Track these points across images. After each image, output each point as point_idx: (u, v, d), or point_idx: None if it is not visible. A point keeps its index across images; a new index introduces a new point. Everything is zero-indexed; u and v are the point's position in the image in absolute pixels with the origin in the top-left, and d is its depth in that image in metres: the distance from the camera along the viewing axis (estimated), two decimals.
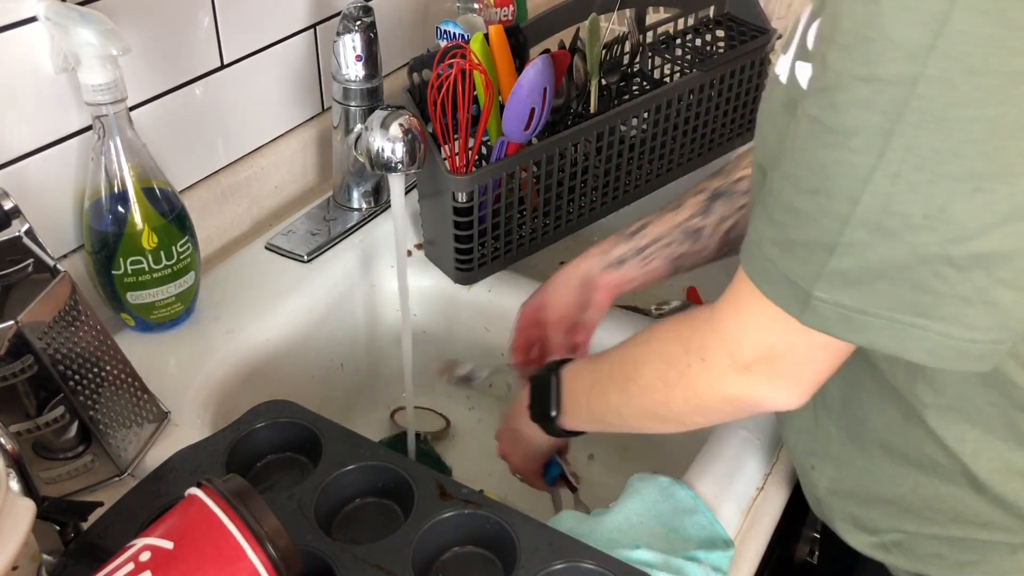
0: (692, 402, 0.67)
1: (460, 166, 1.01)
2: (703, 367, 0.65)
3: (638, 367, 0.72)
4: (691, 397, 0.67)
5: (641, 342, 0.73)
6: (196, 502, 0.58)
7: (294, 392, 0.90)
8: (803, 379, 0.62)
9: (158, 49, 0.94)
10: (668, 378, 0.68)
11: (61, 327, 0.71)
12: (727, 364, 0.63)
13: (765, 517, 0.81)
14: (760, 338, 0.61)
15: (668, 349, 0.69)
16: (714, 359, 0.64)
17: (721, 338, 0.63)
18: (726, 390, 0.64)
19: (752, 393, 0.63)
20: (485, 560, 0.73)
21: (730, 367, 0.63)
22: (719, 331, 0.63)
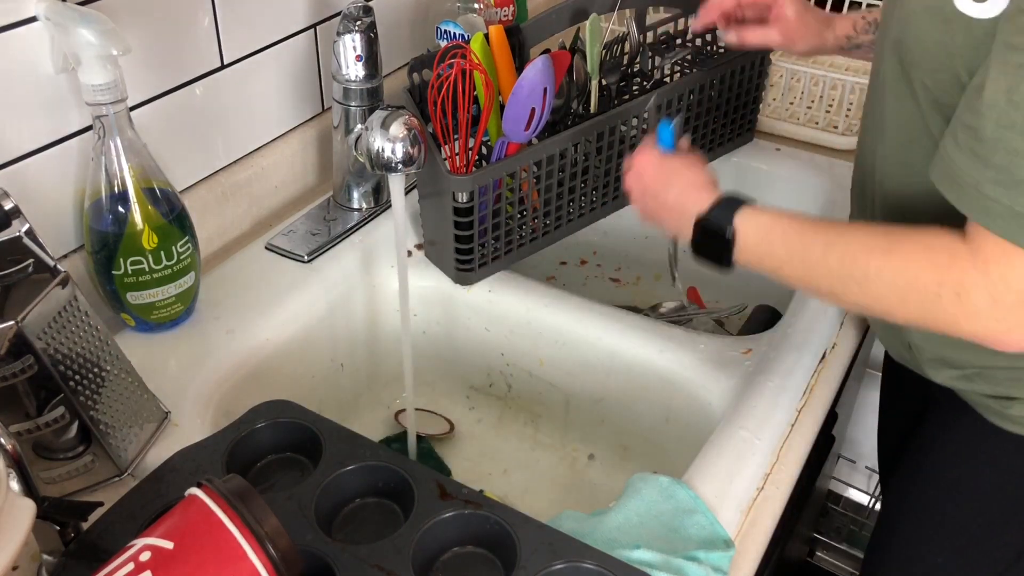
0: (922, 320, 0.71)
1: (460, 166, 1.01)
2: (956, 302, 0.68)
3: (868, 275, 0.73)
4: (926, 318, 0.71)
5: (878, 249, 0.73)
6: (196, 502, 0.58)
7: (294, 392, 0.90)
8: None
9: (158, 49, 0.94)
10: (908, 299, 0.71)
11: (61, 327, 0.71)
12: (986, 304, 0.67)
13: (765, 517, 0.81)
14: None
15: (917, 273, 0.70)
16: (973, 297, 0.67)
17: (987, 277, 0.67)
18: (973, 327, 0.68)
19: (996, 334, 0.68)
20: (485, 560, 0.73)
21: (988, 307, 0.67)
22: (984, 271, 0.67)
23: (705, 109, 1.19)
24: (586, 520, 0.77)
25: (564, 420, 1.09)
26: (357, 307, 1.08)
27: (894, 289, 0.71)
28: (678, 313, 1.21)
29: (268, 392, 0.87)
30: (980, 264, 0.67)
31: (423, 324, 1.10)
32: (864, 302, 0.74)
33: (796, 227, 0.78)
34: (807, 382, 0.92)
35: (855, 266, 0.73)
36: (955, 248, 0.68)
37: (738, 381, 0.92)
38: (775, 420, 0.87)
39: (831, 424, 1.20)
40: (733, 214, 0.81)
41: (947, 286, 0.68)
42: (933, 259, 0.69)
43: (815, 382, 0.93)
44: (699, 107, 1.18)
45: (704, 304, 1.29)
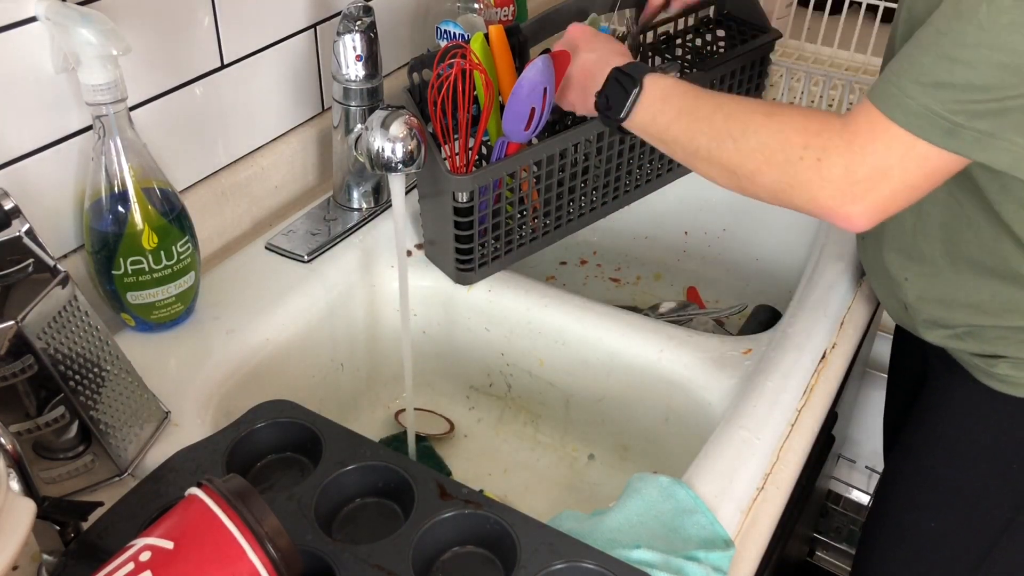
0: (781, 185, 0.76)
1: (460, 166, 1.01)
2: (815, 165, 0.73)
3: (746, 132, 0.78)
4: (783, 182, 0.76)
5: (759, 111, 0.78)
6: (196, 502, 0.58)
7: (294, 392, 0.90)
8: (891, 205, 0.73)
9: (158, 49, 0.94)
10: (774, 158, 0.75)
11: (61, 327, 0.71)
12: (840, 171, 0.72)
13: (765, 517, 0.81)
14: (882, 159, 0.71)
15: (788, 134, 0.75)
16: (831, 162, 0.72)
17: (849, 146, 0.72)
18: (822, 193, 0.73)
19: (842, 206, 0.73)
20: (485, 560, 0.73)
21: (842, 175, 0.72)
22: (849, 140, 0.72)
23: None
24: (586, 520, 0.77)
25: (564, 420, 1.09)
26: (357, 307, 1.08)
27: (764, 148, 0.76)
28: (678, 313, 1.21)
29: (268, 392, 0.87)
30: (847, 134, 0.72)
31: (423, 324, 1.10)
32: (736, 159, 0.78)
33: (695, 90, 0.85)
34: (807, 382, 0.93)
35: (736, 123, 0.79)
36: (829, 119, 0.74)
37: (738, 381, 0.92)
38: (775, 420, 0.87)
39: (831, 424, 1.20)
40: (646, 72, 0.87)
41: (811, 149, 0.73)
42: (807, 125, 0.74)
43: (815, 382, 0.93)
44: None
45: (704, 304, 1.29)
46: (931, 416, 0.99)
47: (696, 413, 0.95)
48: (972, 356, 0.90)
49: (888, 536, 1.04)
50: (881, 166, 0.71)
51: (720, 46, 1.23)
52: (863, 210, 0.73)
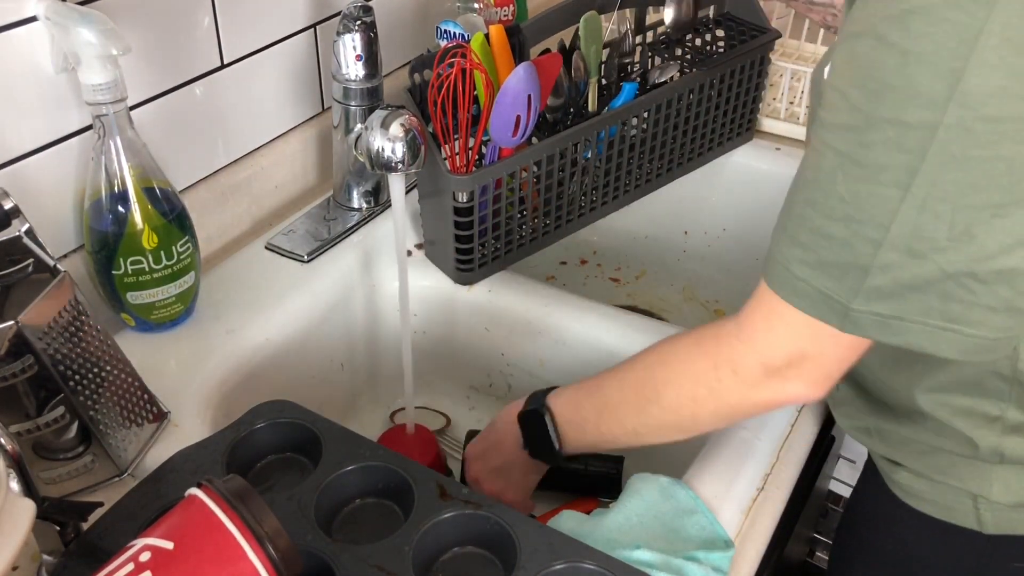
0: (723, 412, 0.72)
1: (460, 166, 1.01)
2: (735, 379, 0.68)
3: (658, 389, 0.74)
4: (722, 408, 0.71)
5: (656, 363, 0.75)
6: (196, 502, 0.58)
7: (294, 392, 0.90)
8: (830, 375, 0.67)
9: (158, 49, 0.94)
10: (697, 395, 0.71)
11: (61, 327, 0.71)
12: (760, 373, 0.67)
13: (765, 517, 0.81)
14: (792, 345, 0.65)
15: (693, 367, 0.71)
16: (747, 369, 0.68)
17: (754, 349, 0.67)
18: (759, 396, 0.69)
19: (785, 395, 0.68)
20: (485, 560, 0.73)
21: (763, 375, 0.67)
22: (750, 342, 0.67)
23: (704, 109, 1.19)
24: (586, 520, 0.77)
25: None
26: (357, 307, 1.08)
27: (682, 392, 0.73)
28: None
29: (268, 392, 0.87)
30: (745, 332, 0.68)
31: (423, 324, 1.10)
32: (670, 418, 0.74)
33: (593, 381, 0.81)
34: None
35: (644, 386, 0.75)
36: (721, 330, 0.70)
37: None
38: (775, 420, 0.87)
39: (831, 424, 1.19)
40: (544, 398, 0.83)
41: (722, 367, 0.69)
42: (703, 349, 0.71)
43: None
44: (699, 107, 1.18)
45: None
46: (853, 508, 0.94)
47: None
48: (880, 458, 0.83)
49: None
50: (793, 353, 0.65)
51: (720, 46, 1.23)
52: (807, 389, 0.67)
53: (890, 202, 0.57)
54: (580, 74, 1.07)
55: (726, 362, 0.69)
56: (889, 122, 0.56)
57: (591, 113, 1.09)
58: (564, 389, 0.83)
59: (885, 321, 0.61)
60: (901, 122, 0.55)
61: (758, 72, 1.23)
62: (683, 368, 0.73)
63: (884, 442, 0.81)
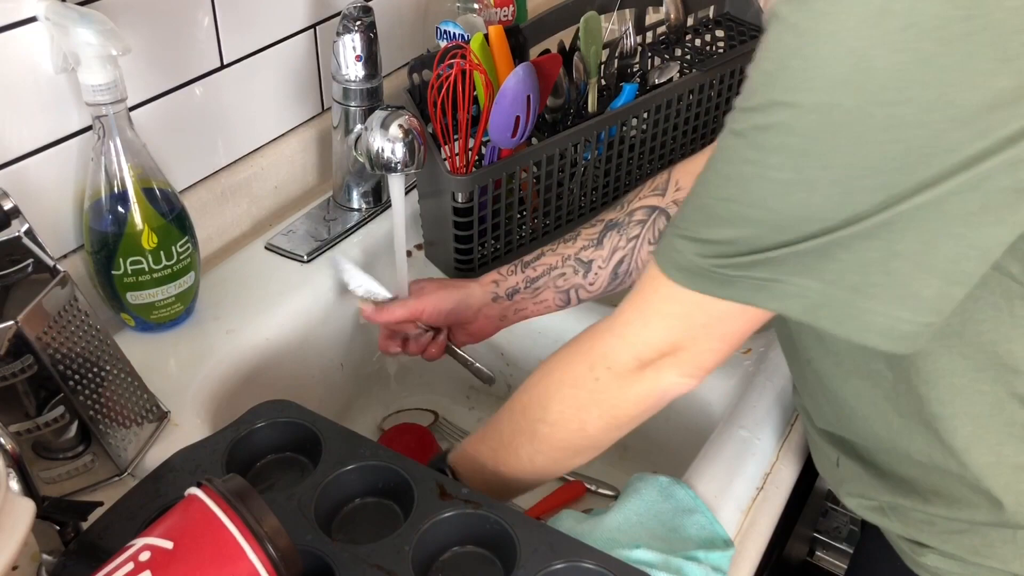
0: (607, 415, 0.70)
1: (460, 166, 1.01)
2: (611, 375, 0.67)
3: (544, 405, 0.73)
4: (606, 411, 0.70)
5: (539, 379, 0.74)
6: (196, 502, 0.58)
7: (294, 392, 0.90)
8: (703, 365, 0.66)
9: (158, 49, 0.94)
10: (579, 400, 0.70)
11: (61, 327, 0.71)
12: (634, 365, 0.66)
13: (765, 517, 0.81)
14: (663, 335, 0.65)
15: (572, 372, 0.70)
16: (621, 363, 0.67)
17: (625, 341, 0.66)
18: (636, 390, 0.67)
19: (660, 386, 0.67)
20: (485, 560, 0.73)
21: (637, 367, 0.66)
22: (622, 335, 0.67)
23: (704, 109, 1.19)
24: (586, 520, 0.77)
25: None
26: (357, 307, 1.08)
27: (565, 402, 0.71)
28: None
29: (268, 392, 0.87)
30: (617, 328, 0.67)
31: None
32: (561, 436, 0.73)
33: (489, 422, 0.79)
34: None
35: (532, 407, 0.74)
36: (594, 329, 0.68)
37: (738, 381, 0.92)
38: (775, 420, 0.87)
39: None
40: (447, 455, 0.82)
41: (598, 366, 0.68)
42: (578, 350, 0.70)
43: None
44: (698, 107, 1.18)
45: None
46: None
47: (696, 413, 0.95)
48: (899, 538, 0.77)
49: None
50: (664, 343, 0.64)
51: (720, 46, 1.23)
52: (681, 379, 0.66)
53: (777, 185, 0.55)
54: (580, 75, 1.07)
55: (600, 358, 0.68)
56: (784, 104, 0.53)
57: (591, 114, 1.09)
58: (467, 440, 0.81)
59: (763, 284, 0.58)
60: (796, 104, 0.53)
61: None
62: (563, 376, 0.71)
63: (904, 522, 0.75)
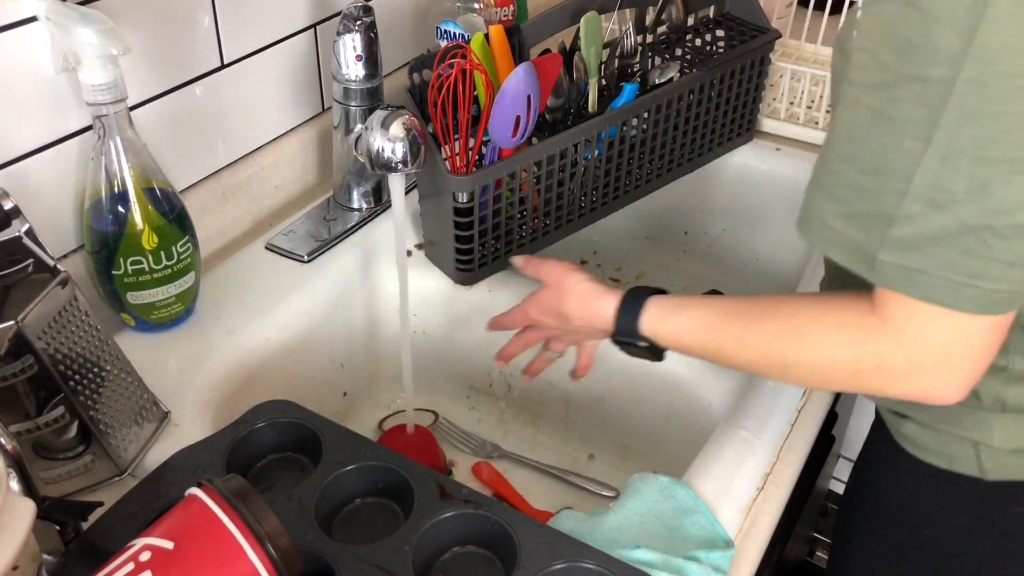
0: (851, 389, 0.73)
1: (460, 166, 1.01)
2: (878, 373, 0.68)
3: (788, 364, 0.73)
4: (851, 388, 0.72)
5: (788, 337, 0.73)
6: (196, 502, 0.58)
7: (294, 392, 0.90)
8: (973, 373, 0.67)
9: (158, 49, 0.94)
10: (832, 378, 0.72)
11: (61, 327, 0.71)
12: (906, 368, 0.67)
13: (765, 517, 0.81)
14: (939, 340, 0.65)
15: (833, 354, 0.70)
16: (893, 366, 0.67)
17: (899, 343, 0.66)
18: (903, 390, 0.68)
19: (926, 393, 0.68)
20: (485, 560, 0.73)
21: (911, 372, 0.67)
22: (895, 336, 0.67)
23: (704, 109, 1.19)
24: (586, 520, 0.77)
25: (564, 420, 1.09)
26: (357, 307, 1.08)
27: (816, 372, 0.72)
28: None
29: (268, 392, 0.87)
30: (892, 331, 0.67)
31: (423, 324, 1.10)
32: (793, 383, 0.76)
33: (705, 325, 0.78)
34: None
35: (772, 357, 0.74)
36: (865, 321, 0.68)
37: (738, 381, 0.92)
38: (775, 420, 0.87)
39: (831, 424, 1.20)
40: (636, 325, 0.81)
41: (865, 360, 0.68)
42: (846, 337, 0.69)
43: None
44: (699, 107, 1.18)
45: None
46: (860, 467, 0.97)
47: (696, 413, 0.95)
48: (887, 411, 0.86)
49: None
50: (940, 348, 0.65)
51: (720, 46, 1.23)
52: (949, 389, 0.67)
53: (914, 154, 0.60)
54: (580, 75, 1.07)
55: (872, 356, 0.68)
56: (914, 78, 0.59)
57: (591, 114, 1.09)
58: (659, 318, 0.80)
59: (908, 274, 0.63)
60: (924, 78, 0.59)
61: (758, 72, 1.23)
62: (820, 352, 0.71)
63: None
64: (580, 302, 0.86)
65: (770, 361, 0.74)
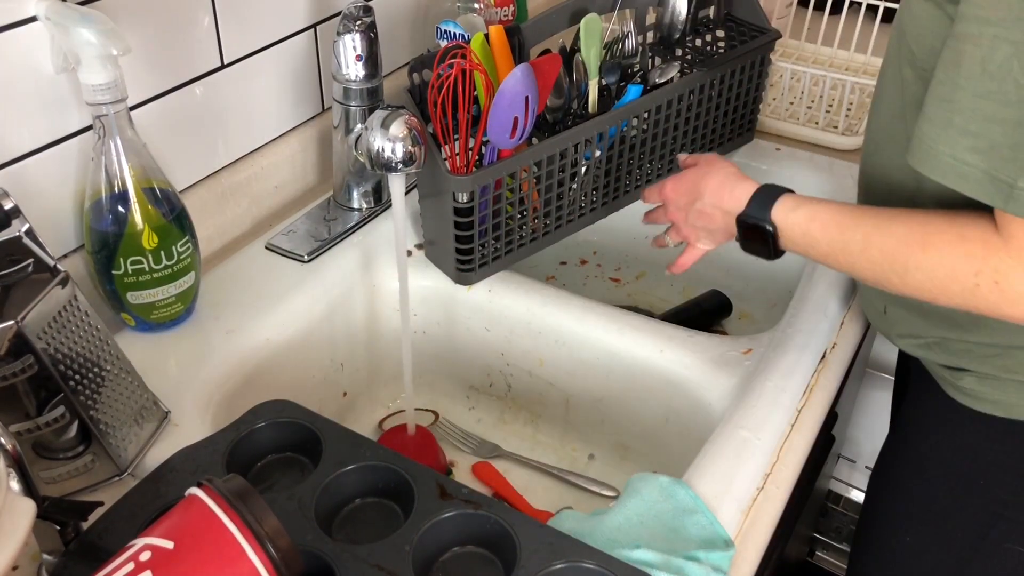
0: (964, 305, 0.73)
1: (460, 166, 1.01)
2: (996, 290, 0.70)
3: (909, 269, 0.74)
4: (966, 306, 0.73)
5: (915, 243, 0.74)
6: (196, 502, 0.58)
7: (294, 392, 0.90)
8: None
9: (158, 49, 0.94)
10: (948, 290, 0.73)
11: (61, 327, 0.71)
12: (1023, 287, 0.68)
13: (765, 517, 0.81)
14: None
15: (954, 264, 0.72)
16: (1011, 282, 0.69)
17: (1021, 263, 0.68)
18: (1016, 311, 0.70)
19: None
20: (485, 560, 0.73)
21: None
22: (1020, 257, 0.68)
23: (705, 109, 1.19)
24: (586, 520, 0.77)
25: (564, 420, 1.09)
26: (357, 307, 1.08)
27: (934, 281, 0.74)
28: None
29: (268, 392, 0.87)
30: (1014, 251, 0.69)
31: (423, 324, 1.10)
32: (906, 291, 0.76)
33: (835, 220, 0.80)
34: (807, 382, 0.93)
35: (895, 260, 0.75)
36: (988, 237, 0.70)
37: (738, 381, 0.92)
38: (775, 420, 0.87)
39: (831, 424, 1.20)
40: (769, 210, 0.84)
41: (984, 275, 0.70)
42: (968, 250, 0.71)
43: (815, 382, 0.93)
44: (699, 107, 1.18)
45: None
46: (903, 428, 0.99)
47: (696, 413, 0.95)
48: (941, 368, 0.89)
49: (869, 550, 1.03)
50: None
51: (720, 46, 1.23)
52: None
53: None
54: (580, 75, 1.07)
55: (991, 272, 0.70)
56: None
57: (591, 114, 1.09)
58: (793, 206, 0.83)
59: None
60: None
61: (759, 72, 1.23)
62: (941, 261, 0.73)
63: (947, 352, 0.87)
64: (719, 180, 0.90)
65: (893, 264, 0.75)
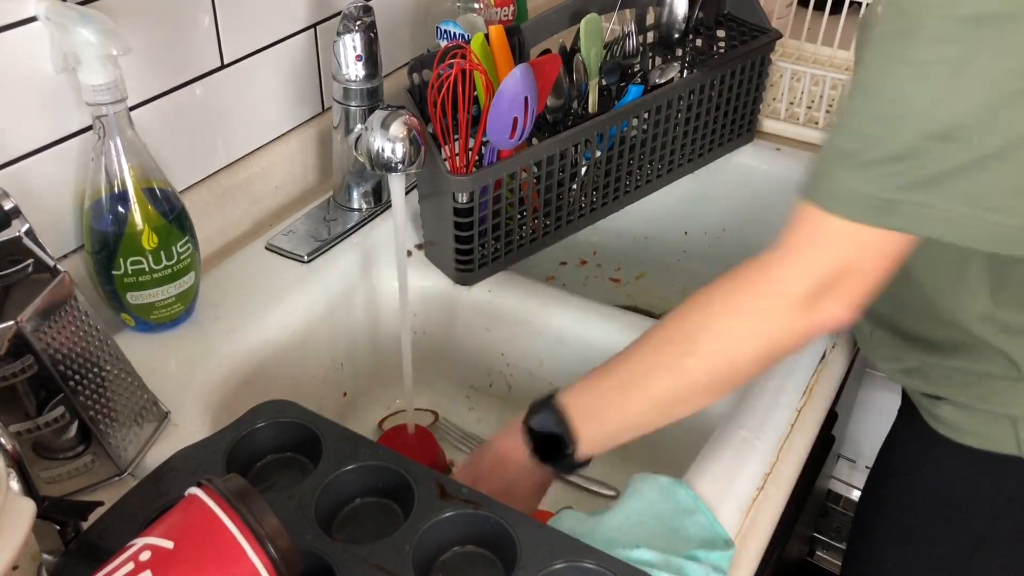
0: (763, 350, 0.70)
1: (460, 166, 1.01)
2: (782, 302, 0.68)
3: (694, 338, 0.72)
4: (763, 344, 0.70)
5: (689, 312, 0.72)
6: (196, 502, 0.58)
7: (294, 392, 0.90)
8: (866, 292, 0.67)
9: (158, 49, 0.94)
10: (738, 333, 0.70)
11: (61, 327, 0.71)
12: (808, 291, 0.66)
13: (765, 517, 0.81)
14: (837, 256, 0.66)
15: (732, 303, 0.70)
16: (794, 289, 0.67)
17: (800, 265, 0.67)
18: (804, 322, 0.68)
19: (829, 315, 0.67)
20: (485, 560, 0.73)
21: (811, 293, 0.66)
22: (795, 261, 0.67)
23: (705, 109, 1.19)
24: (586, 520, 0.76)
25: None
26: (357, 307, 1.08)
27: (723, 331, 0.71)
28: None
29: (268, 392, 0.87)
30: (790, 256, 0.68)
31: (423, 324, 1.10)
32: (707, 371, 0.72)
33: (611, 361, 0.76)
34: (807, 382, 0.92)
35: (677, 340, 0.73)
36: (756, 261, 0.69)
37: None
38: (775, 420, 0.87)
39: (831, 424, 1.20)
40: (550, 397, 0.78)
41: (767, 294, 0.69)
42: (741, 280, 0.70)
43: (815, 382, 0.93)
44: (699, 107, 1.18)
45: None
46: (888, 451, 0.97)
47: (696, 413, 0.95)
48: (921, 396, 0.88)
49: (856, 565, 1.03)
50: (838, 265, 0.66)
51: (720, 46, 1.23)
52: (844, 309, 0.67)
53: (935, 92, 0.61)
54: (580, 76, 1.07)
55: (774, 284, 0.68)
56: (939, 18, 0.60)
57: (592, 114, 1.09)
58: (572, 385, 0.78)
59: (918, 210, 0.63)
60: (951, 16, 0.59)
61: (758, 72, 1.23)
62: (721, 306, 0.70)
63: (926, 379, 0.86)
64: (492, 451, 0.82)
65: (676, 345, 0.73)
